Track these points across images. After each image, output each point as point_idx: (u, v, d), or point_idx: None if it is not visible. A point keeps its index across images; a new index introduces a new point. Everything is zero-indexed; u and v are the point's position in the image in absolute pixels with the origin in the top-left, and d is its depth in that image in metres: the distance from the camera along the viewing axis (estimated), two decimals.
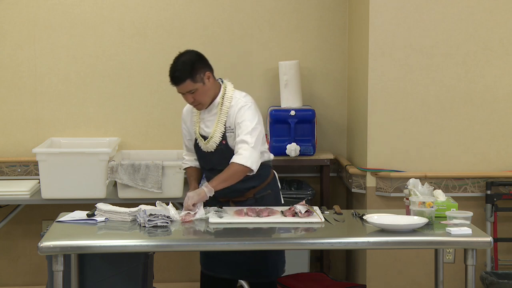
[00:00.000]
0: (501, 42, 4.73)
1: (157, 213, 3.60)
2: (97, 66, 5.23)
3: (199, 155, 4.06)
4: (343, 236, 3.59)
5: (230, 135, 3.90)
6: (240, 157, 3.77)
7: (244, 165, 3.76)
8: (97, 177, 4.69)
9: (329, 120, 5.36)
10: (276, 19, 5.28)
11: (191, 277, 5.35)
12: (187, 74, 3.81)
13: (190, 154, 4.16)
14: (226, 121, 3.90)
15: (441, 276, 3.95)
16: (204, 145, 3.95)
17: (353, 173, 4.91)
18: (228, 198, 3.98)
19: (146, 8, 5.23)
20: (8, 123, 5.23)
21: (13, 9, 5.16)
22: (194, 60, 3.86)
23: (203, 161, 4.05)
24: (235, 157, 3.79)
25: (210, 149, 3.94)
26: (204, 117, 3.98)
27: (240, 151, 3.79)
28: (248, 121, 3.86)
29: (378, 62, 4.71)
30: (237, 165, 3.77)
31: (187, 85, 3.83)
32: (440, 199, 3.81)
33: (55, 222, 3.72)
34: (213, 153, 3.95)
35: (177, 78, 3.83)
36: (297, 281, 3.94)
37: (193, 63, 3.84)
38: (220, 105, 3.92)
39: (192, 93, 3.85)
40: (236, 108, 3.90)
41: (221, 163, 3.88)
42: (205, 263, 4.06)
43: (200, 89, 3.85)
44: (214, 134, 3.91)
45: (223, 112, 3.91)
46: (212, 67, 3.94)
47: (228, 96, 3.94)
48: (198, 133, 3.98)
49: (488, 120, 4.77)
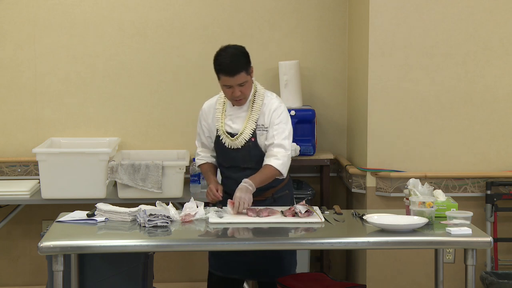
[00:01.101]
0: (501, 42, 4.73)
1: (157, 213, 3.60)
2: (97, 66, 5.23)
3: (220, 152, 4.01)
4: (343, 236, 3.59)
5: (261, 133, 3.90)
6: (279, 162, 3.83)
7: (280, 171, 3.84)
8: (97, 177, 4.69)
9: (329, 120, 5.36)
10: (276, 19, 5.28)
11: (191, 277, 5.35)
12: (243, 65, 3.81)
13: (205, 150, 4.12)
14: (258, 118, 3.90)
15: (441, 276, 3.95)
16: (231, 142, 3.92)
17: (353, 173, 4.91)
18: None
19: (146, 8, 5.23)
20: (8, 123, 5.23)
21: (13, 9, 5.16)
22: (247, 54, 3.87)
23: (224, 158, 4.00)
24: (273, 160, 3.83)
25: (237, 145, 3.91)
26: (232, 114, 3.95)
27: (279, 155, 3.84)
28: (284, 124, 3.90)
29: (378, 62, 4.71)
30: (274, 169, 3.82)
31: (241, 77, 3.80)
32: (440, 199, 3.81)
33: (55, 222, 3.72)
34: (238, 150, 3.93)
35: (234, 68, 3.77)
36: (297, 281, 3.93)
37: (247, 56, 3.86)
38: (251, 102, 3.92)
39: (242, 86, 3.83)
40: (271, 107, 3.91)
41: (245, 160, 3.91)
42: (214, 264, 4.05)
43: (249, 82, 3.86)
44: (244, 131, 3.90)
45: (255, 109, 3.91)
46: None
47: (260, 94, 3.95)
48: (223, 130, 3.95)
49: (488, 120, 4.78)
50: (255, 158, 3.91)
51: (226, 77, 3.80)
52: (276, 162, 3.83)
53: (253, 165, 3.92)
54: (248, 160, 3.91)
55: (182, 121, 5.27)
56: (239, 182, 3.83)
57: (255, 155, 3.91)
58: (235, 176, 3.94)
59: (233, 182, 3.92)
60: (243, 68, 3.80)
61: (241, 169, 3.93)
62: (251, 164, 3.92)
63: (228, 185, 4.00)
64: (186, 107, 5.25)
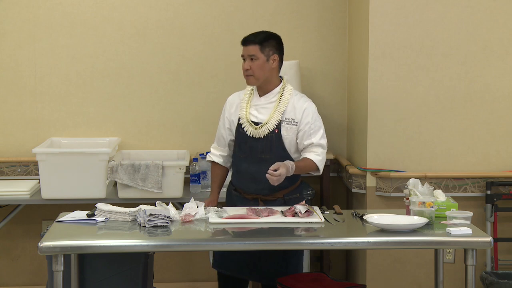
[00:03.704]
0: (501, 42, 4.73)
1: (157, 213, 3.60)
2: (97, 66, 5.23)
3: (239, 141, 4.03)
4: (343, 236, 3.60)
5: (288, 127, 3.96)
6: (319, 158, 3.97)
7: (319, 167, 3.96)
8: (97, 177, 4.69)
9: (329, 120, 5.36)
10: (276, 19, 5.28)
11: (191, 277, 5.35)
12: (258, 39, 3.95)
13: (219, 148, 4.16)
14: (284, 111, 3.97)
15: (441, 276, 3.95)
16: (254, 130, 3.96)
17: (353, 173, 4.91)
18: (258, 195, 3.98)
19: (146, 8, 5.23)
20: (8, 123, 5.23)
21: (13, 9, 5.16)
22: (273, 36, 4.02)
23: (241, 147, 4.02)
24: (314, 156, 3.96)
25: (260, 134, 3.95)
26: (259, 104, 4.02)
27: (318, 152, 3.98)
28: (320, 123, 4.03)
29: (378, 62, 4.71)
30: (313, 163, 3.95)
31: (252, 49, 3.94)
32: (440, 199, 3.81)
33: (55, 222, 3.72)
34: (260, 140, 3.96)
35: (248, 38, 3.97)
36: (297, 281, 3.93)
37: (270, 37, 4.00)
38: (280, 94, 4.00)
39: (252, 60, 3.94)
40: (304, 105, 3.99)
41: (264, 151, 3.95)
42: (218, 262, 4.07)
43: (261, 61, 3.94)
44: (269, 121, 3.95)
45: (282, 102, 3.98)
46: (282, 60, 4.06)
47: (288, 89, 4.04)
48: (248, 118, 4.00)
49: (488, 120, 4.78)
50: (276, 149, 3.94)
51: (243, 47, 3.98)
52: (316, 158, 3.96)
53: (271, 156, 3.93)
54: (268, 151, 3.94)
55: (182, 121, 5.27)
56: (254, 176, 3.92)
57: (276, 146, 3.94)
58: (249, 168, 3.97)
59: (246, 177, 3.98)
60: (256, 42, 3.94)
61: (257, 160, 3.95)
62: (269, 155, 3.93)
63: (239, 180, 4.04)
64: (186, 107, 5.25)
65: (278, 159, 3.86)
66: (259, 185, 3.93)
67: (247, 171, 3.98)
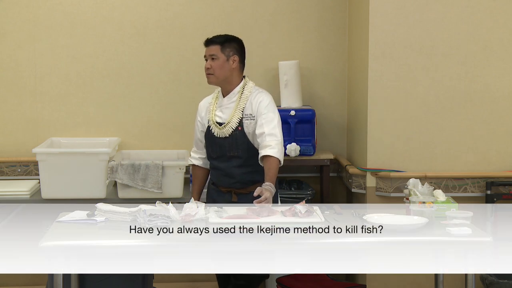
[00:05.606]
0: (501, 42, 4.73)
1: (157, 213, 3.60)
2: (97, 66, 5.23)
3: (209, 143, 4.21)
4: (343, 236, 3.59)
5: (248, 122, 4.09)
6: (274, 150, 3.97)
7: (278, 158, 3.98)
8: (97, 177, 4.69)
9: (329, 120, 5.36)
10: (276, 19, 5.28)
11: (191, 277, 5.34)
12: (219, 40, 4.13)
13: (198, 152, 4.35)
14: (244, 108, 4.09)
15: (441, 276, 3.95)
16: (219, 131, 4.12)
17: (353, 173, 4.91)
18: (231, 188, 4.15)
19: (146, 8, 5.23)
20: (8, 123, 5.23)
21: (13, 9, 5.16)
22: (234, 39, 4.18)
23: (212, 148, 4.19)
24: (269, 150, 3.97)
25: (225, 134, 4.11)
26: (222, 104, 4.17)
27: (272, 144, 3.99)
28: (273, 113, 4.09)
29: (378, 62, 4.71)
30: (274, 159, 3.96)
31: (213, 48, 4.11)
32: (440, 199, 3.81)
33: (55, 222, 3.72)
34: (226, 139, 4.12)
35: (209, 39, 4.16)
36: (297, 281, 3.93)
37: (231, 39, 4.17)
38: (240, 93, 4.13)
39: (213, 60, 4.10)
40: (259, 99, 4.10)
41: (232, 149, 4.10)
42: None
43: (221, 61, 4.10)
44: (231, 120, 4.10)
45: (242, 99, 4.12)
46: (244, 62, 4.22)
47: (249, 86, 4.17)
48: (213, 119, 4.15)
49: (488, 120, 4.77)
50: (242, 146, 4.10)
51: (205, 47, 4.15)
52: (272, 151, 3.98)
53: (239, 153, 4.11)
54: (235, 148, 4.10)
55: (182, 121, 5.27)
56: (226, 172, 4.11)
57: (241, 143, 4.09)
58: (223, 166, 4.15)
59: (220, 173, 4.17)
60: (219, 43, 4.11)
61: (228, 158, 4.13)
62: (237, 152, 4.11)
63: (215, 176, 4.23)
64: (186, 107, 5.25)
65: (246, 155, 4.10)
66: (232, 179, 4.15)
67: (220, 168, 4.18)
